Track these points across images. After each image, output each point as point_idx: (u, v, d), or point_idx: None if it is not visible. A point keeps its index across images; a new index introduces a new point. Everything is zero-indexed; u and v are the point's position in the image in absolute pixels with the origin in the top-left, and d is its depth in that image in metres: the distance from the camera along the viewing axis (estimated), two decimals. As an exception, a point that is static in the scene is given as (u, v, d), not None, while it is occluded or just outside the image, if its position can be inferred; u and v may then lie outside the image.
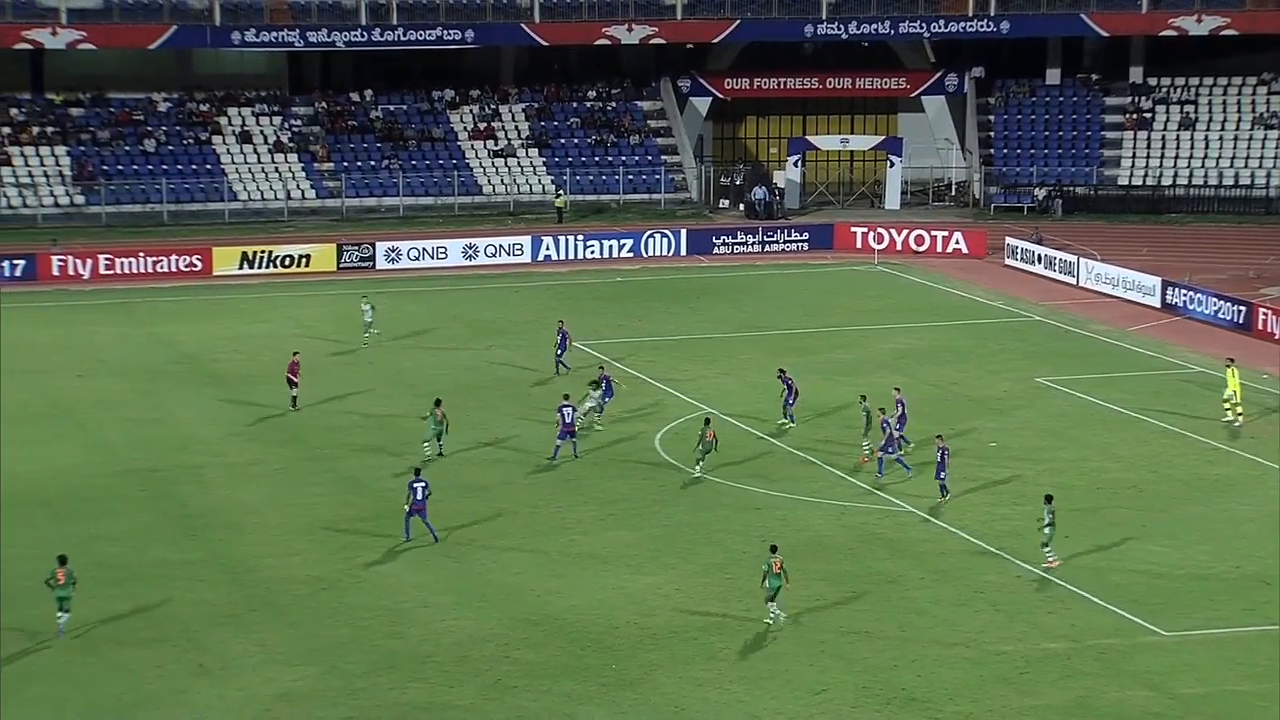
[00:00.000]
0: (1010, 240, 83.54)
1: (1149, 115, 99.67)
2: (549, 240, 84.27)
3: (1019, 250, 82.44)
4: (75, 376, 61.68)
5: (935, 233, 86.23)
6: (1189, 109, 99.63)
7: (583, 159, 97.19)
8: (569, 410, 51.62)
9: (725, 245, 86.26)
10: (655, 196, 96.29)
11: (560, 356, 61.56)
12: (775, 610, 39.40)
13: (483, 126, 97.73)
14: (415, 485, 44.49)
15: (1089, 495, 49.11)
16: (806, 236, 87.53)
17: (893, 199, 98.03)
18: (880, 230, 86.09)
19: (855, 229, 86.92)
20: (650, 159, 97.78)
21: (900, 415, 51.50)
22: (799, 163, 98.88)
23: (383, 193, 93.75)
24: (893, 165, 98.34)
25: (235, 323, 70.42)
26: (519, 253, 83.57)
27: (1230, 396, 55.82)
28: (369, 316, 65.99)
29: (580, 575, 42.82)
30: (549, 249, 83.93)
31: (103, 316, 71.72)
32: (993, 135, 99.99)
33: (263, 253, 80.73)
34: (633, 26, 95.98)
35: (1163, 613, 40.53)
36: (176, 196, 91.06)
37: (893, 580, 42.59)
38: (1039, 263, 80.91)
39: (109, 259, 79.32)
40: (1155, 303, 73.89)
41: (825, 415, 55.55)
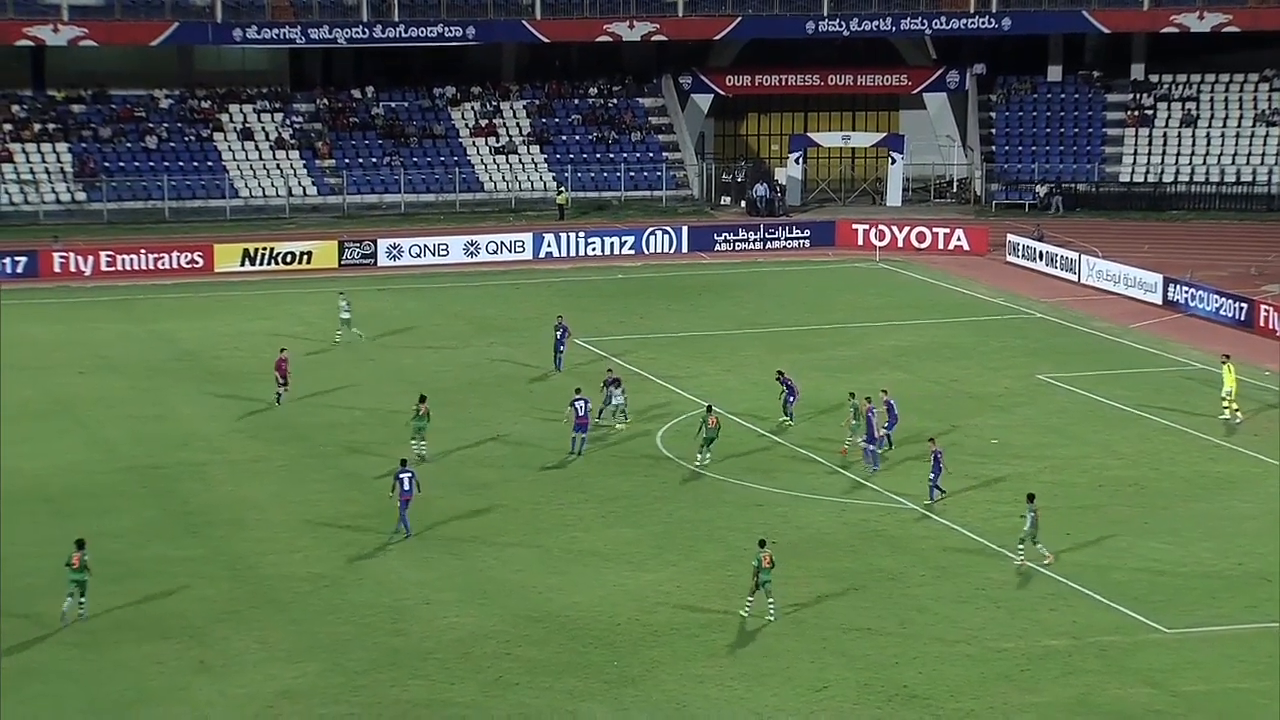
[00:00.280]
0: (1011, 237, 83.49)
1: (1150, 112, 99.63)
2: (550, 237, 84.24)
3: (1020, 247, 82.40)
4: (77, 373, 61.67)
5: (936, 230, 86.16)
6: (1190, 106, 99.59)
7: (584, 156, 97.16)
8: (581, 404, 51.61)
9: (727, 242, 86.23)
10: (657, 193, 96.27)
11: (560, 351, 61.51)
12: (769, 605, 39.45)
13: (484, 123, 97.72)
14: (402, 476, 44.83)
15: (1090, 492, 49.09)
16: (808, 233, 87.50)
17: (894, 196, 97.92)
18: (882, 227, 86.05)
19: (857, 226, 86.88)
20: (652, 156, 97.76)
21: (890, 416, 51.43)
22: (800, 160, 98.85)
23: (384, 189, 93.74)
24: (894, 162, 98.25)
25: (237, 320, 70.38)
26: (520, 250, 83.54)
27: (1229, 393, 55.76)
28: (345, 313, 65.82)
29: (582, 572, 42.81)
30: (550, 246, 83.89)
31: (104, 313, 71.70)
32: (994, 132, 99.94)
33: (264, 250, 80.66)
34: (634, 23, 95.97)
35: (1164, 610, 40.50)
36: (178, 193, 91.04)
37: (894, 577, 42.58)
38: (1040, 260, 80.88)
39: (110, 256, 79.27)
40: (1157, 300, 73.83)
41: (826, 412, 55.46)
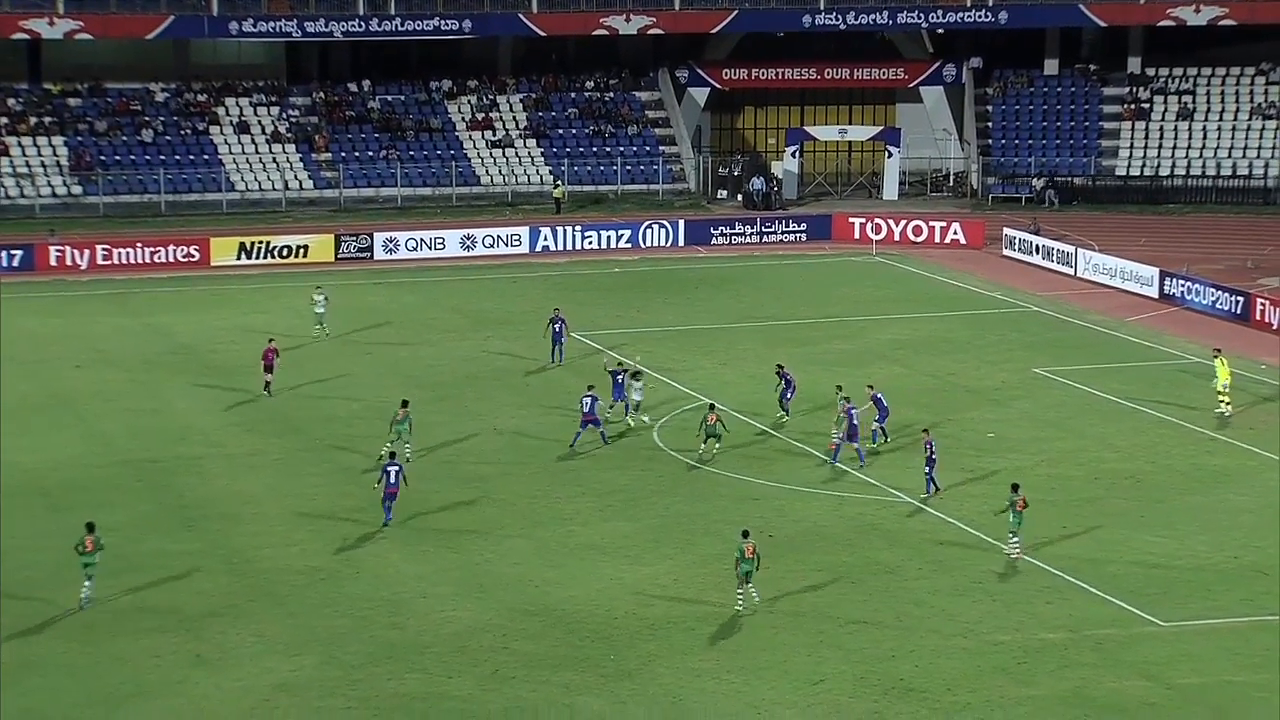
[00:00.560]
0: (1008, 231, 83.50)
1: (1147, 105, 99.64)
2: (547, 231, 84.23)
3: (1016, 241, 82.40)
4: (73, 367, 61.64)
5: (933, 223, 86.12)
6: (1187, 99, 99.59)
7: (580, 149, 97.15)
8: (589, 400, 51.62)
9: (723, 236, 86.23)
10: (653, 187, 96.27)
11: (559, 344, 61.49)
12: (753, 593, 39.61)
13: (480, 117, 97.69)
14: (389, 469, 45.15)
15: (1086, 486, 49.12)
16: (804, 227, 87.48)
17: (891, 189, 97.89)
18: (878, 221, 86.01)
19: (853, 219, 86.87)
20: (648, 149, 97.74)
21: (880, 410, 51.46)
22: (797, 153, 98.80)
23: (380, 183, 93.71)
24: (890, 156, 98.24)
25: (233, 313, 70.34)
26: (517, 243, 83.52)
27: (1224, 387, 55.75)
28: (321, 308, 65.61)
29: (579, 566, 42.83)
30: (547, 239, 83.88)
31: (100, 307, 71.65)
32: (990, 126, 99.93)
33: (260, 243, 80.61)
34: (630, 17, 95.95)
35: (1160, 603, 40.54)
36: (174, 187, 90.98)
37: (890, 570, 42.60)
38: (1037, 253, 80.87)
39: (106, 249, 79.26)
40: (1153, 293, 73.83)
41: (823, 407, 55.43)
